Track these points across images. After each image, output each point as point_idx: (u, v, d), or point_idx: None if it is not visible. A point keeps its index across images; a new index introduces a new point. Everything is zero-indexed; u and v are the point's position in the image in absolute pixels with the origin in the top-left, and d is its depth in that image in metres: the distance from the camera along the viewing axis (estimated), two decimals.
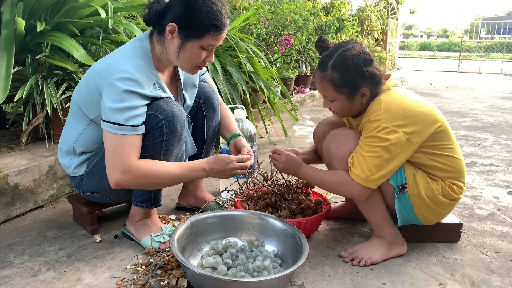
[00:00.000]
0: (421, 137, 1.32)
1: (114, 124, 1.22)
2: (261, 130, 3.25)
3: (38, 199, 1.76)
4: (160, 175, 1.29)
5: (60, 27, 2.01)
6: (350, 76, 1.32)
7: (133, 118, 1.23)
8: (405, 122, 1.29)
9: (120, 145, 1.23)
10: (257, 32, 4.07)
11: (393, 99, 1.33)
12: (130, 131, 1.23)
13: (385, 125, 1.28)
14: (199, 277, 1.12)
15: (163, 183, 1.35)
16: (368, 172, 1.29)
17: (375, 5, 8.57)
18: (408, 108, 1.31)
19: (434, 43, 31.01)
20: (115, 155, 1.23)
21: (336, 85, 1.34)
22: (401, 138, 1.28)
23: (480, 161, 2.74)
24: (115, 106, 1.21)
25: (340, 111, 1.42)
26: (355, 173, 1.31)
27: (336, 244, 1.52)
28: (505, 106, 5.31)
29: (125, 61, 1.26)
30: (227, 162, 1.37)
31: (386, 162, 1.29)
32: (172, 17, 1.25)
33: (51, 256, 1.38)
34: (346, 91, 1.34)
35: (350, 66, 1.30)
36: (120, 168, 1.23)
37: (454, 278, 1.32)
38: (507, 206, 1.96)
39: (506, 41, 14.05)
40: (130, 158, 1.23)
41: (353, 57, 1.30)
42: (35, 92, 1.85)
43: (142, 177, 1.26)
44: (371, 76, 1.33)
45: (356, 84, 1.33)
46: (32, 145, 1.98)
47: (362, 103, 1.38)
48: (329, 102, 1.41)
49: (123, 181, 1.24)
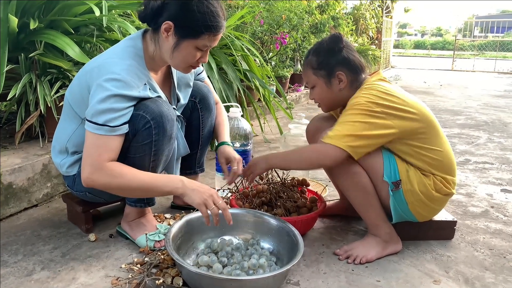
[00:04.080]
0: (400, 124, 1.32)
1: (92, 123, 1.20)
2: (256, 129, 3.25)
3: (32, 198, 1.75)
4: (129, 178, 1.21)
5: (54, 25, 2.00)
6: (324, 57, 1.42)
7: (113, 119, 1.20)
8: (385, 102, 1.32)
9: (95, 144, 1.21)
10: (252, 31, 4.07)
11: (377, 86, 1.37)
12: (106, 131, 1.20)
13: (366, 98, 1.33)
14: (195, 275, 1.12)
15: (132, 188, 1.23)
16: (344, 132, 1.30)
17: (370, 3, 8.60)
18: (391, 94, 1.35)
19: (428, 42, 31.12)
20: (88, 154, 1.21)
21: (314, 67, 1.44)
22: (380, 112, 1.31)
23: (474, 158, 2.76)
24: (97, 107, 1.19)
25: (321, 98, 1.48)
26: (329, 136, 1.32)
27: (331, 242, 1.53)
28: (499, 104, 5.35)
29: (115, 61, 1.25)
30: (210, 194, 1.25)
31: (364, 128, 1.30)
32: (168, 16, 1.24)
33: (45, 256, 1.38)
34: (323, 74, 1.43)
35: (325, 47, 1.44)
36: (90, 167, 1.20)
37: (448, 275, 1.33)
38: (500, 203, 1.97)
39: (500, 39, 14.14)
40: (101, 158, 1.20)
41: (327, 39, 1.45)
42: (29, 90, 1.84)
43: (110, 178, 1.20)
44: (346, 59, 1.42)
45: (331, 65, 1.41)
46: (26, 144, 1.96)
47: (341, 90, 1.43)
48: (312, 91, 1.49)
49: (90, 180, 1.20)
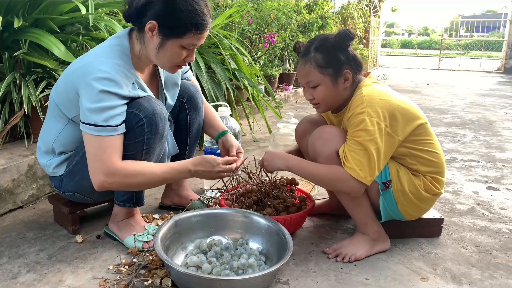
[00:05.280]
0: (403, 132, 1.34)
1: (93, 125, 1.19)
2: (245, 128, 3.25)
3: (17, 199, 1.72)
4: (145, 176, 1.26)
5: (39, 23, 1.96)
6: (333, 54, 1.35)
7: (112, 118, 1.20)
8: (387, 116, 1.30)
9: (101, 147, 1.20)
10: (241, 30, 4.06)
11: (375, 93, 1.35)
12: (110, 131, 1.20)
13: (370, 117, 1.29)
14: (184, 276, 1.11)
15: (148, 184, 1.33)
16: (367, 168, 1.29)
17: (358, 3, 8.65)
18: (390, 102, 1.33)
19: (415, 41, 31.47)
20: (97, 158, 1.21)
21: (321, 65, 1.35)
22: (384, 131, 1.30)
23: (460, 157, 2.79)
24: (93, 107, 1.18)
25: (324, 98, 1.40)
26: (354, 169, 1.29)
27: (320, 240, 1.53)
28: (484, 102, 5.43)
29: (102, 60, 1.23)
30: (213, 165, 1.34)
31: (378, 156, 1.29)
32: (152, 15, 1.22)
33: (31, 258, 1.35)
34: (330, 72, 1.36)
35: (333, 44, 1.35)
36: (104, 171, 1.21)
37: (436, 272, 1.35)
38: (486, 201, 2.00)
39: (485, 39, 14.34)
40: (113, 160, 1.21)
41: (335, 36, 1.36)
42: (13, 90, 1.81)
43: (127, 179, 1.24)
44: (353, 57, 1.37)
45: (340, 62, 1.36)
46: (10, 144, 1.93)
47: (345, 89, 1.39)
48: (312, 91, 1.40)
49: (107, 183, 1.22)
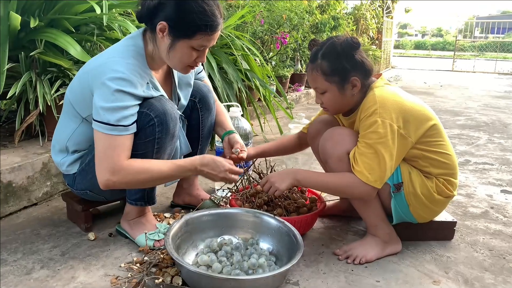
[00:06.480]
0: (416, 133, 1.33)
1: (105, 124, 1.20)
2: (256, 128, 3.25)
3: (32, 196, 1.74)
4: (149, 173, 1.27)
5: (54, 23, 2.00)
6: (339, 62, 1.33)
7: (124, 118, 1.22)
8: (400, 117, 1.30)
9: (111, 145, 1.22)
10: (253, 30, 4.07)
11: (387, 95, 1.34)
12: (121, 131, 1.21)
13: (382, 119, 1.28)
14: (194, 275, 1.12)
15: (153, 181, 1.32)
16: (377, 171, 1.28)
17: (371, 3, 8.60)
18: (402, 104, 1.32)
19: (429, 42, 31.12)
20: (105, 156, 1.22)
21: (326, 73, 1.34)
22: (397, 133, 1.29)
23: (474, 159, 2.75)
24: (106, 106, 1.20)
25: (332, 104, 1.40)
26: (363, 173, 1.28)
27: (331, 242, 1.53)
28: (499, 105, 5.35)
29: (117, 60, 1.24)
30: (220, 170, 1.34)
31: (389, 158, 1.29)
32: (163, 16, 1.24)
33: (44, 254, 1.38)
34: (336, 80, 1.34)
35: (339, 52, 1.33)
36: (110, 169, 1.21)
37: (448, 276, 1.33)
38: (500, 204, 1.97)
39: (500, 40, 14.16)
40: (120, 159, 1.22)
41: (341, 43, 1.33)
42: (29, 89, 1.84)
43: (132, 176, 1.24)
44: (360, 64, 1.35)
45: (346, 71, 1.33)
46: (25, 142, 1.96)
47: (353, 95, 1.38)
48: (320, 96, 1.40)
49: (111, 182, 1.23)
